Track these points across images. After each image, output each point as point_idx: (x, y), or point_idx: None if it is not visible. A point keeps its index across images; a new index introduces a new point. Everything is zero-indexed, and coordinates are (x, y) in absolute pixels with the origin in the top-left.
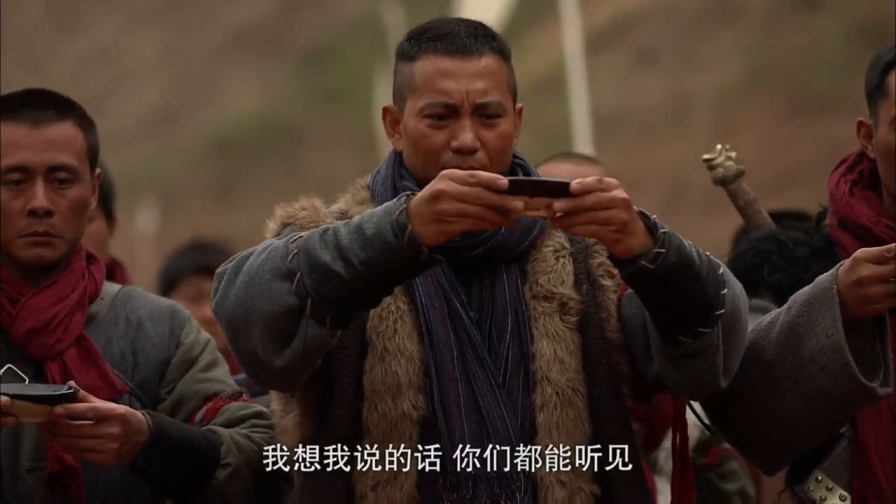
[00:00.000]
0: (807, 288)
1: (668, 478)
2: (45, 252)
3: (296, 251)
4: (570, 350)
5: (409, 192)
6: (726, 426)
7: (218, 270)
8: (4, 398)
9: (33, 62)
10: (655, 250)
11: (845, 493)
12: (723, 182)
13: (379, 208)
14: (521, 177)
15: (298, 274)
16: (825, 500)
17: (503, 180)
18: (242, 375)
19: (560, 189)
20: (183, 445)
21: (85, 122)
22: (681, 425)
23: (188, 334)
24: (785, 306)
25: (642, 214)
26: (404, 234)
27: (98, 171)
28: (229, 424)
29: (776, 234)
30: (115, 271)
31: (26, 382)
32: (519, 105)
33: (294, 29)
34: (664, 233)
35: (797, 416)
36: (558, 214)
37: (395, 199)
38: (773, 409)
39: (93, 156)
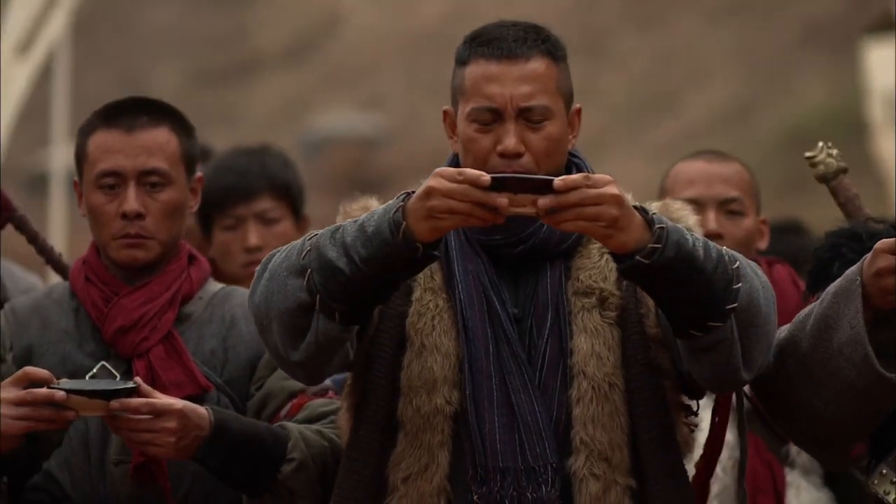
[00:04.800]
0: (838, 280)
1: (802, 470)
2: (138, 253)
3: (309, 248)
4: (608, 345)
5: (408, 191)
6: (778, 420)
7: (256, 268)
8: (60, 393)
9: (611, 59)
10: (651, 245)
11: None
12: (824, 179)
13: (381, 207)
14: (505, 173)
15: (309, 270)
16: (889, 493)
17: (486, 177)
18: (342, 375)
19: (545, 186)
20: (245, 440)
21: (181, 128)
22: (722, 417)
23: None
24: (819, 298)
25: (641, 210)
26: (399, 231)
27: (198, 174)
28: (309, 420)
29: (854, 229)
30: None
31: (117, 379)
32: (576, 105)
33: (863, 21)
34: (661, 228)
35: (831, 408)
36: (547, 211)
37: (395, 198)
38: (811, 402)
39: (189, 160)
